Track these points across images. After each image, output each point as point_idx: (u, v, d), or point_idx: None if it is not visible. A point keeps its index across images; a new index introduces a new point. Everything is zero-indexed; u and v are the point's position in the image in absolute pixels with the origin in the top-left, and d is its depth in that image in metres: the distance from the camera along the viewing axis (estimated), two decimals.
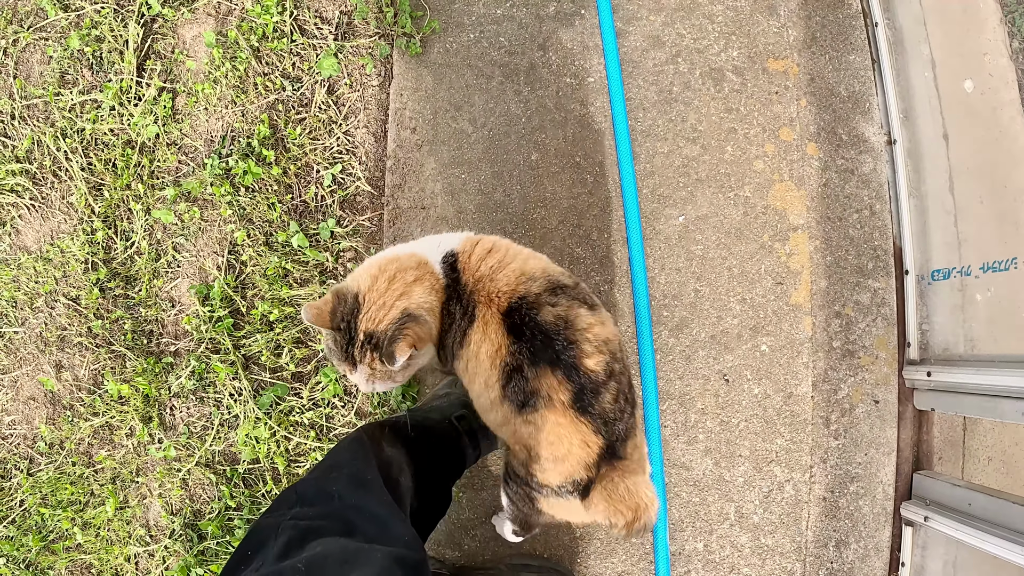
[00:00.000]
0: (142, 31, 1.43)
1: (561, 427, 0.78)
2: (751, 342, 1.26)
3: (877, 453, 1.32)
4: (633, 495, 0.82)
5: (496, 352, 0.80)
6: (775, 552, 1.29)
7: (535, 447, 0.81)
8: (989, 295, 1.39)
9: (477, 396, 0.87)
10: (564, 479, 0.82)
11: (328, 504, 0.70)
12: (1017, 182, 1.50)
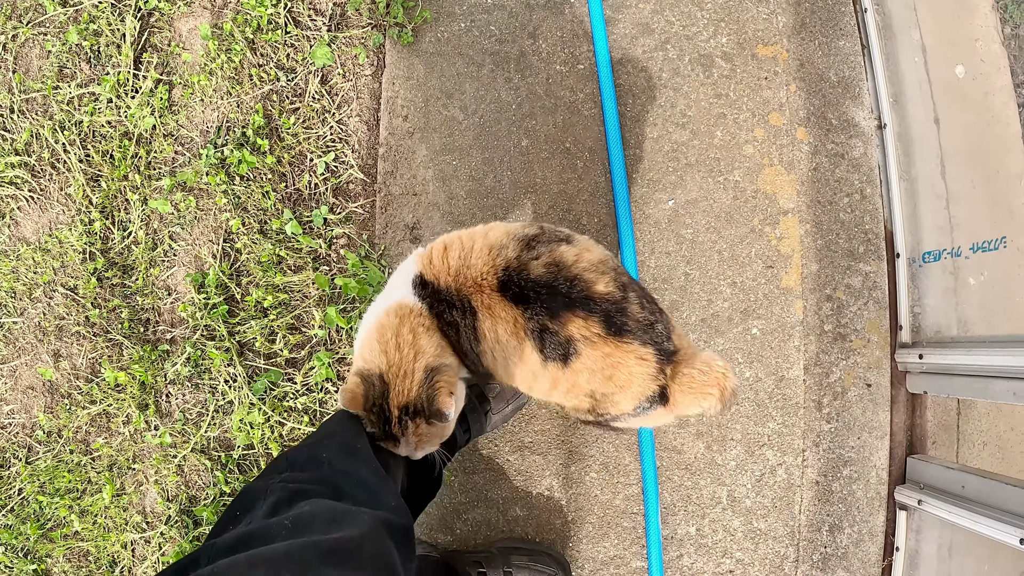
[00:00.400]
0: (139, 25, 1.45)
1: (611, 357, 0.79)
2: (742, 325, 1.26)
3: (870, 437, 1.32)
4: (708, 372, 0.82)
5: (515, 326, 0.81)
6: (768, 536, 1.29)
7: (597, 389, 0.82)
8: (983, 279, 1.39)
9: (523, 382, 0.87)
10: (638, 401, 0.83)
11: (318, 470, 0.71)
12: (1009, 168, 1.50)
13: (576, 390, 0.85)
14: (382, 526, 0.64)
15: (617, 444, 1.25)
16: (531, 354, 0.82)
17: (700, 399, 0.82)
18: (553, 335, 0.79)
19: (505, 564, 1.18)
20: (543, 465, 1.25)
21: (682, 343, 0.85)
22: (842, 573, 1.34)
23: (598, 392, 0.84)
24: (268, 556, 0.54)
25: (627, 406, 0.83)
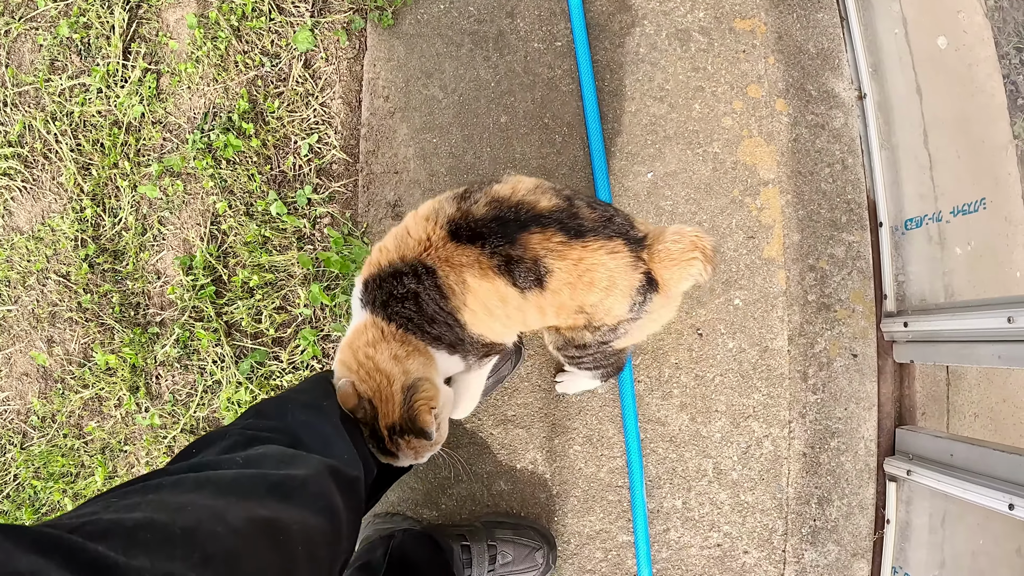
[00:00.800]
0: (127, 16, 1.48)
1: (583, 261, 0.79)
2: (724, 296, 1.26)
3: (857, 408, 1.31)
4: (681, 239, 0.82)
5: (480, 268, 0.80)
6: (755, 509, 1.28)
7: (584, 301, 0.82)
8: (969, 248, 1.38)
9: (514, 323, 0.88)
10: (629, 298, 0.83)
11: (281, 420, 0.72)
12: (995, 138, 1.49)
13: (565, 309, 0.84)
14: (329, 471, 0.65)
15: (600, 416, 1.25)
16: (507, 289, 0.81)
17: (686, 268, 0.81)
18: (519, 262, 0.79)
19: (489, 538, 1.18)
20: (526, 438, 1.25)
21: (648, 228, 0.84)
22: (832, 547, 1.33)
23: (587, 304, 0.83)
24: (215, 480, 0.56)
25: (621, 308, 0.83)
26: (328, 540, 0.61)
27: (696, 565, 1.29)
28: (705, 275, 0.83)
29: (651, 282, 0.82)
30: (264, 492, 0.57)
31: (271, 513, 0.56)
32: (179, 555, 0.47)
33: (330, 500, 0.63)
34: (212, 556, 0.48)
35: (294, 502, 0.59)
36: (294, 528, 0.56)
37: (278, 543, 0.54)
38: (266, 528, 0.54)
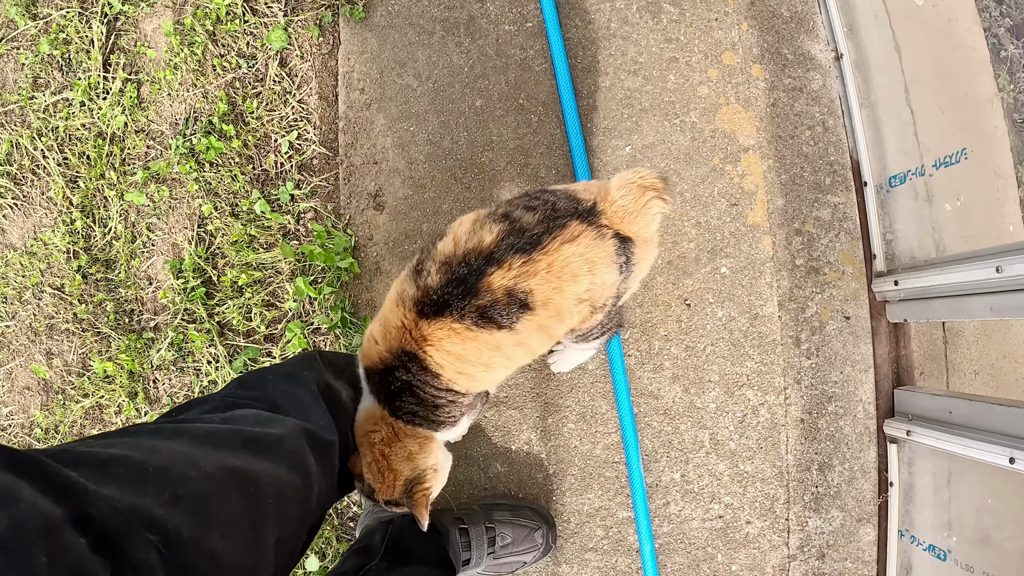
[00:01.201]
0: (105, 29, 1.50)
1: (554, 265, 0.78)
2: (710, 265, 1.25)
3: (853, 371, 1.30)
4: (628, 188, 0.81)
5: (455, 334, 0.80)
6: (756, 478, 1.27)
7: (578, 295, 0.81)
8: (959, 204, 1.36)
9: (524, 358, 0.88)
10: (613, 264, 0.82)
11: (261, 390, 0.74)
12: (979, 92, 1.47)
13: (564, 311, 0.83)
14: (304, 433, 0.67)
15: (592, 393, 1.25)
16: (495, 336, 0.80)
17: (647, 213, 0.81)
18: (493, 305, 0.77)
19: (487, 520, 1.18)
20: (520, 419, 1.25)
21: (591, 191, 0.83)
22: (837, 512, 1.31)
23: (581, 293, 0.82)
24: (191, 431, 0.57)
25: (612, 277, 0.83)
26: (299, 497, 0.62)
27: (699, 538, 1.28)
28: (668, 207, 0.83)
29: (624, 240, 0.81)
30: (239, 445, 0.58)
31: (244, 464, 0.57)
32: (150, 491, 0.47)
33: (303, 459, 0.64)
34: (182, 497, 0.49)
35: (267, 457, 0.60)
36: (266, 480, 0.57)
37: (248, 493, 0.55)
38: (238, 477, 0.55)
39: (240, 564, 0.51)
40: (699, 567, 1.29)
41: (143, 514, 0.45)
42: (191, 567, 0.47)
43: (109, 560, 0.41)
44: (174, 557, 0.46)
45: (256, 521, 0.55)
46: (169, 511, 0.47)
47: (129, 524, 0.44)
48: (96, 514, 0.43)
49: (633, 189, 0.80)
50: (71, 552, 0.40)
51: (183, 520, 0.48)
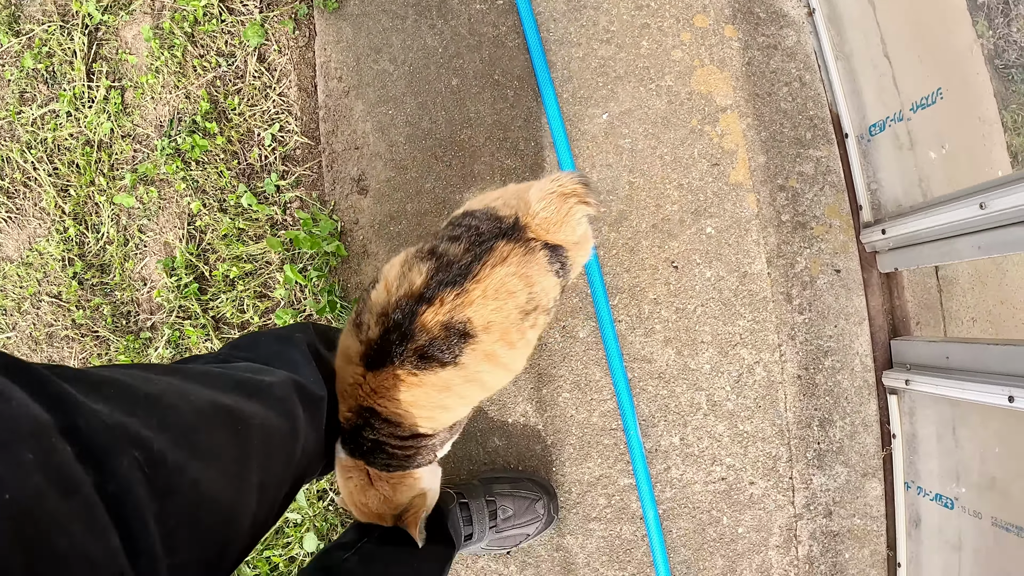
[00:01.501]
0: (87, 40, 1.52)
1: (488, 291, 0.78)
2: (695, 226, 1.25)
3: (847, 324, 1.29)
4: (548, 200, 0.81)
5: (401, 381, 0.79)
6: (756, 438, 1.27)
7: (520, 309, 0.80)
8: (944, 152, 1.35)
9: (478, 393, 0.86)
10: (550, 272, 0.82)
11: (253, 351, 0.75)
12: (956, 40, 1.46)
13: (511, 327, 0.81)
14: (293, 384, 0.67)
15: (585, 361, 1.25)
16: (441, 375, 0.78)
17: (571, 220, 0.80)
18: (432, 343, 0.76)
19: (487, 494, 1.18)
20: (515, 392, 1.25)
21: (512, 205, 0.82)
22: (841, 468, 1.30)
23: (523, 306, 0.81)
24: (185, 370, 0.58)
25: (551, 282, 0.83)
26: (285, 443, 0.62)
27: (702, 501, 1.27)
28: (593, 209, 0.82)
29: (554, 248, 0.81)
30: (230, 387, 0.59)
31: (234, 404, 0.57)
32: (139, 414, 0.48)
33: (292, 408, 0.65)
34: (170, 424, 0.49)
35: (257, 400, 0.61)
36: (254, 422, 0.58)
37: (236, 431, 0.56)
38: (226, 414, 0.56)
39: (221, 497, 0.51)
40: (704, 531, 1.28)
41: (130, 432, 0.46)
42: (172, 490, 0.47)
43: (92, 470, 0.42)
44: (156, 478, 0.46)
45: (241, 458, 0.55)
46: (156, 435, 0.47)
47: (115, 439, 0.44)
48: (84, 426, 0.43)
49: (553, 199, 0.79)
50: (57, 455, 0.40)
51: (168, 445, 0.48)
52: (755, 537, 1.29)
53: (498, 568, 1.28)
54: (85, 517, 0.40)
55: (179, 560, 0.47)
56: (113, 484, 0.43)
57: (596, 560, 1.28)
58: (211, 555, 0.51)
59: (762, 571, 1.30)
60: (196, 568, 0.49)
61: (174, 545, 0.46)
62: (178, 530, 0.47)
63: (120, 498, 0.43)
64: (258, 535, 0.59)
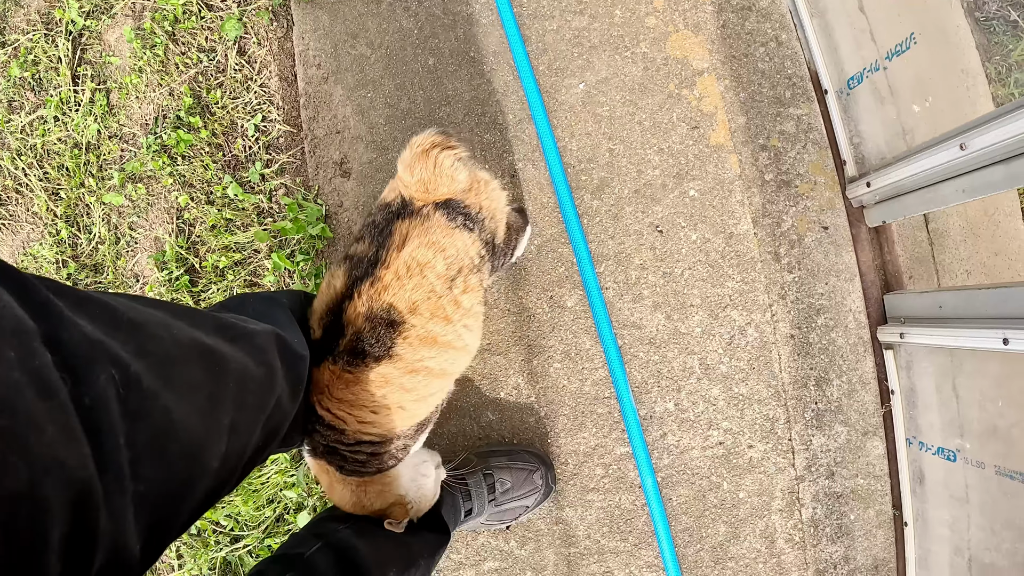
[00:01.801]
0: (71, 45, 1.55)
1: (400, 270, 0.78)
2: (677, 190, 1.24)
3: (838, 281, 1.28)
4: (411, 165, 0.82)
5: (339, 379, 0.79)
6: (752, 400, 1.26)
7: (440, 275, 0.80)
8: (928, 105, 1.34)
9: (428, 383, 0.85)
10: (457, 230, 0.82)
11: (241, 311, 0.75)
12: None
13: (445, 301, 0.79)
14: (275, 338, 0.67)
15: (574, 330, 1.24)
16: (380, 370, 0.77)
17: (440, 171, 0.80)
18: (359, 337, 0.77)
19: (484, 467, 1.18)
20: (505, 365, 1.25)
21: (395, 190, 0.83)
22: (840, 428, 1.29)
23: (444, 272, 0.79)
24: (173, 306, 0.58)
25: (463, 239, 0.81)
26: (260, 390, 0.62)
27: (701, 467, 1.26)
28: (458, 150, 0.82)
29: (445, 204, 0.80)
30: (212, 329, 0.59)
31: (214, 344, 0.57)
32: (120, 337, 0.48)
33: (271, 359, 0.65)
34: (149, 352, 0.49)
35: (237, 345, 0.61)
36: (231, 364, 0.58)
37: (213, 372, 0.56)
38: (206, 353, 0.56)
39: (190, 429, 0.51)
40: (705, 497, 1.27)
41: (110, 351, 0.46)
42: (143, 413, 0.47)
43: (71, 381, 0.42)
44: (129, 399, 0.46)
45: (214, 397, 0.55)
46: (134, 359, 0.47)
47: (95, 354, 0.44)
48: (66, 338, 0.43)
49: (418, 161, 0.80)
50: (38, 358, 0.40)
51: (144, 370, 0.48)
52: (757, 501, 1.28)
53: (498, 544, 1.28)
54: (60, 420, 0.40)
55: (143, 488, 0.47)
56: (89, 398, 0.43)
57: (596, 531, 1.27)
58: (174, 488, 0.50)
59: (766, 536, 1.29)
60: (158, 498, 0.49)
61: (138, 472, 0.46)
62: (144, 455, 0.47)
63: (94, 412, 0.43)
64: (225, 482, 0.58)
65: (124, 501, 0.46)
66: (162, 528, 0.51)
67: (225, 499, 1.36)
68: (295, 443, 0.86)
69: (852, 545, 1.32)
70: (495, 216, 0.87)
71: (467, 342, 0.83)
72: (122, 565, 0.48)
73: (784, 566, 1.30)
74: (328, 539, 0.85)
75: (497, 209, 0.87)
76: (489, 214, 0.85)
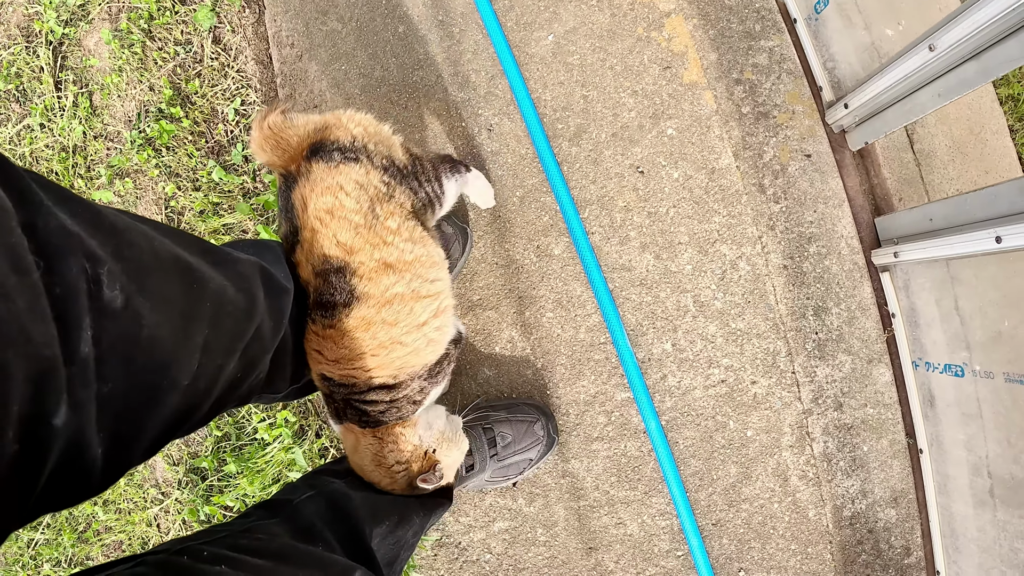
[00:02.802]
0: (52, 54, 1.58)
1: (315, 232, 0.80)
2: (655, 129, 1.24)
3: (827, 207, 1.26)
4: (258, 138, 0.86)
5: (321, 335, 0.81)
6: (750, 335, 1.24)
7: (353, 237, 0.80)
8: (901, 28, 1.34)
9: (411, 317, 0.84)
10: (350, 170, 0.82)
11: (232, 251, 0.74)
12: None
13: (371, 232, 0.79)
14: (259, 269, 0.67)
15: (564, 277, 1.23)
16: (359, 314, 0.78)
17: (278, 134, 0.84)
18: (319, 292, 0.78)
19: (483, 423, 1.17)
20: (497, 319, 1.24)
21: (274, 173, 0.88)
22: (844, 357, 1.27)
23: (360, 210, 0.79)
24: (158, 224, 0.57)
25: (353, 172, 0.82)
26: (237, 316, 0.61)
27: (705, 407, 1.24)
28: (282, 107, 0.86)
29: (311, 152, 0.81)
30: (196, 250, 0.59)
31: (195, 263, 0.57)
32: (98, 238, 0.47)
33: (252, 288, 0.64)
34: (126, 258, 0.48)
35: (219, 269, 0.60)
36: (210, 285, 0.57)
37: (190, 288, 0.54)
38: (185, 270, 0.55)
39: (160, 340, 0.50)
40: (712, 438, 1.25)
41: (86, 246, 0.45)
42: (113, 314, 0.46)
43: (44, 268, 0.41)
44: (101, 295, 0.45)
45: (188, 313, 0.54)
46: (110, 260, 0.46)
47: (70, 244, 0.44)
48: (42, 226, 0.42)
49: (258, 140, 0.84)
50: (14, 238, 0.39)
51: (120, 272, 0.47)
52: (766, 439, 1.25)
53: (506, 503, 1.26)
54: (29, 297, 0.40)
55: (106, 389, 0.46)
56: (60, 288, 0.42)
57: (605, 482, 1.25)
58: (139, 398, 0.49)
59: (778, 474, 1.26)
60: (123, 405, 0.47)
61: (103, 371, 0.45)
62: (109, 356, 0.46)
63: (63, 303, 0.42)
64: (197, 406, 0.57)
65: (87, 395, 0.45)
66: (126, 440, 0.50)
67: (231, 482, 1.36)
68: (280, 390, 0.84)
69: (868, 478, 1.29)
70: (376, 139, 0.86)
71: (418, 254, 0.82)
72: (82, 468, 0.46)
73: (800, 504, 1.27)
74: (321, 489, 0.84)
75: (371, 132, 0.87)
76: (366, 140, 0.84)
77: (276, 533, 0.72)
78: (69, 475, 0.46)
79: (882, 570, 1.31)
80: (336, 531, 0.78)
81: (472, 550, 1.27)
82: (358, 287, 0.77)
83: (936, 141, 1.35)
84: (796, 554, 1.28)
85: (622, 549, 1.25)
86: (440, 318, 0.85)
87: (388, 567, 0.86)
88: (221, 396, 0.62)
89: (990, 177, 1.37)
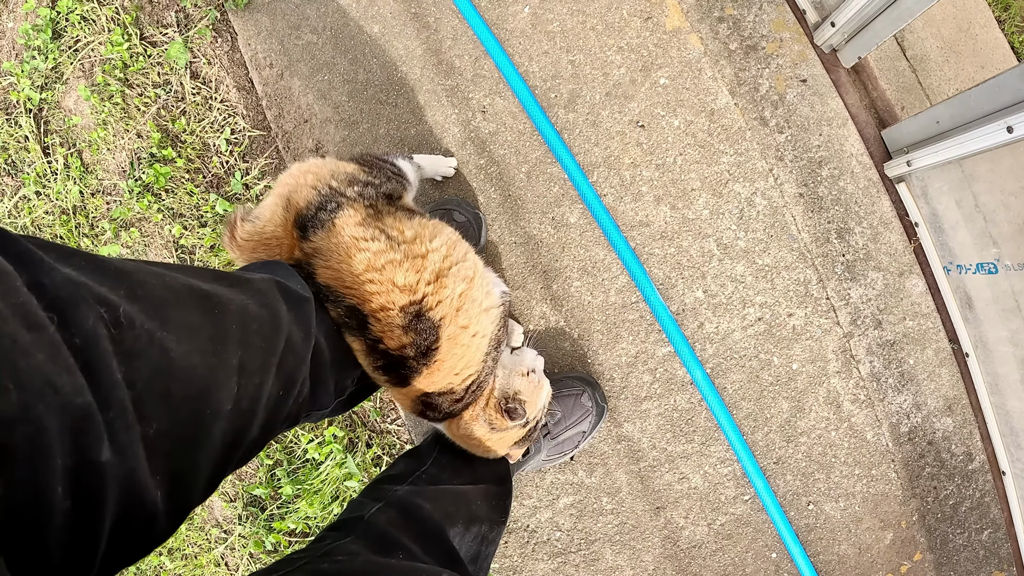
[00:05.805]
0: (33, 121, 1.57)
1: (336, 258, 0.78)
2: (647, 82, 1.23)
3: (831, 129, 1.26)
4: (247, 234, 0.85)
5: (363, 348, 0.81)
6: (779, 268, 1.23)
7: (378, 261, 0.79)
8: None
9: (454, 279, 0.84)
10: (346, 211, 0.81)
11: (243, 272, 0.72)
12: None
13: (404, 252, 0.77)
14: (276, 284, 0.65)
15: (584, 244, 1.23)
16: (450, 331, 0.79)
17: (258, 226, 0.83)
18: (415, 347, 0.78)
19: None
20: (527, 297, 1.23)
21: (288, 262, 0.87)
22: (875, 274, 1.26)
23: (380, 249, 0.78)
24: (164, 264, 0.56)
25: (354, 215, 0.81)
26: (264, 331, 0.59)
27: (747, 348, 1.24)
28: (243, 215, 0.84)
29: (299, 224, 0.80)
30: (209, 277, 0.57)
31: (211, 289, 0.55)
32: (107, 284, 0.45)
33: (273, 302, 0.63)
34: (139, 296, 0.46)
35: (237, 291, 0.58)
36: (231, 307, 0.55)
37: (212, 314, 0.53)
38: (202, 296, 0.53)
39: (193, 369, 0.48)
40: (759, 377, 1.24)
41: (96, 291, 0.43)
42: (139, 353, 0.44)
43: (57, 322, 0.39)
44: (123, 339, 0.43)
45: (217, 337, 0.52)
46: (125, 303, 0.45)
47: (79, 294, 0.42)
48: (48, 281, 0.41)
49: (244, 252, 0.83)
50: (22, 296, 0.38)
51: (137, 312, 0.45)
52: (812, 369, 1.25)
53: (567, 478, 1.26)
54: (49, 350, 0.38)
55: (151, 430, 0.44)
56: (79, 337, 0.40)
57: (661, 440, 1.25)
58: (186, 432, 0.47)
59: (830, 402, 1.26)
60: (171, 443, 0.46)
61: (143, 412, 0.43)
62: (146, 395, 0.44)
63: (85, 352, 0.40)
64: (245, 428, 0.55)
65: (131, 437, 0.42)
66: (183, 479, 0.48)
67: (290, 507, 1.36)
68: (326, 405, 0.80)
69: (919, 391, 1.29)
70: (330, 174, 0.83)
71: (441, 241, 0.81)
72: (144, 516, 0.44)
73: (857, 428, 1.27)
74: (388, 499, 0.83)
75: (322, 173, 0.84)
76: (326, 182, 0.82)
77: (355, 551, 0.71)
78: (132, 525, 0.44)
79: (948, 479, 1.31)
80: (414, 536, 0.77)
81: (541, 531, 1.26)
82: (435, 316, 0.77)
83: (927, 44, 1.34)
84: (861, 478, 1.27)
85: (689, 503, 1.25)
86: (488, 283, 0.86)
87: (473, 563, 0.85)
88: (269, 419, 0.60)
89: (987, 71, 1.36)
